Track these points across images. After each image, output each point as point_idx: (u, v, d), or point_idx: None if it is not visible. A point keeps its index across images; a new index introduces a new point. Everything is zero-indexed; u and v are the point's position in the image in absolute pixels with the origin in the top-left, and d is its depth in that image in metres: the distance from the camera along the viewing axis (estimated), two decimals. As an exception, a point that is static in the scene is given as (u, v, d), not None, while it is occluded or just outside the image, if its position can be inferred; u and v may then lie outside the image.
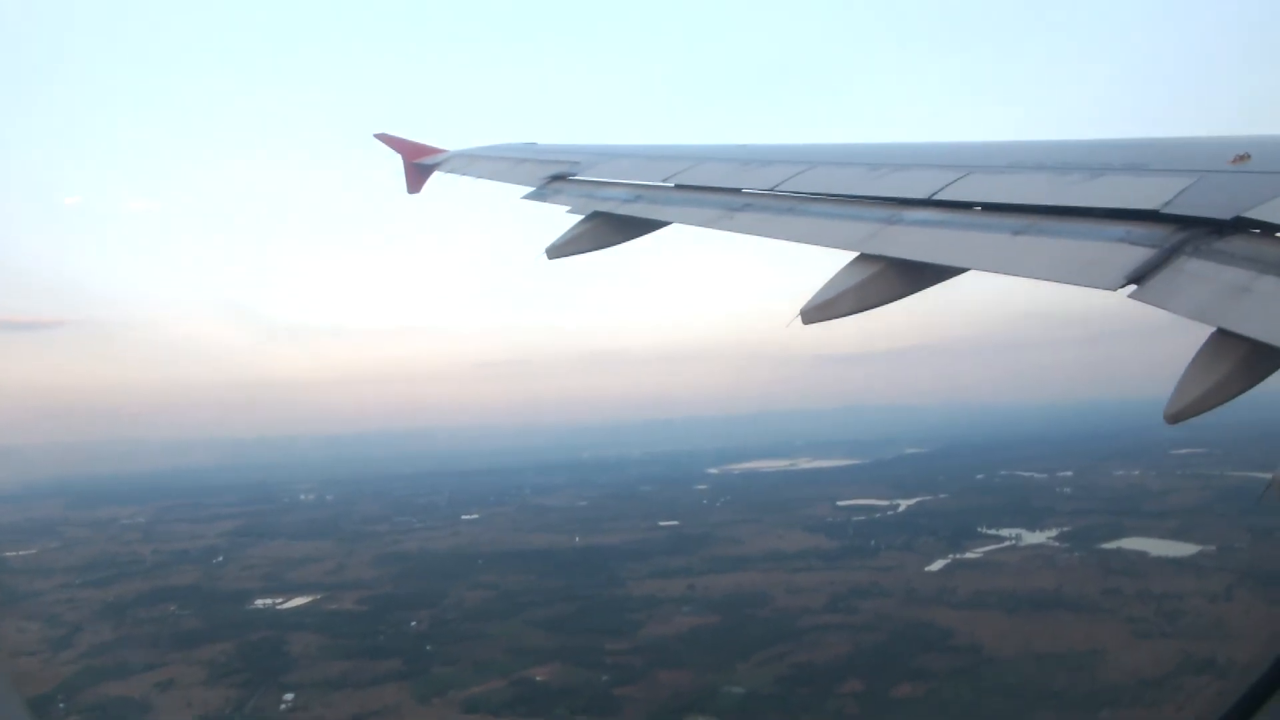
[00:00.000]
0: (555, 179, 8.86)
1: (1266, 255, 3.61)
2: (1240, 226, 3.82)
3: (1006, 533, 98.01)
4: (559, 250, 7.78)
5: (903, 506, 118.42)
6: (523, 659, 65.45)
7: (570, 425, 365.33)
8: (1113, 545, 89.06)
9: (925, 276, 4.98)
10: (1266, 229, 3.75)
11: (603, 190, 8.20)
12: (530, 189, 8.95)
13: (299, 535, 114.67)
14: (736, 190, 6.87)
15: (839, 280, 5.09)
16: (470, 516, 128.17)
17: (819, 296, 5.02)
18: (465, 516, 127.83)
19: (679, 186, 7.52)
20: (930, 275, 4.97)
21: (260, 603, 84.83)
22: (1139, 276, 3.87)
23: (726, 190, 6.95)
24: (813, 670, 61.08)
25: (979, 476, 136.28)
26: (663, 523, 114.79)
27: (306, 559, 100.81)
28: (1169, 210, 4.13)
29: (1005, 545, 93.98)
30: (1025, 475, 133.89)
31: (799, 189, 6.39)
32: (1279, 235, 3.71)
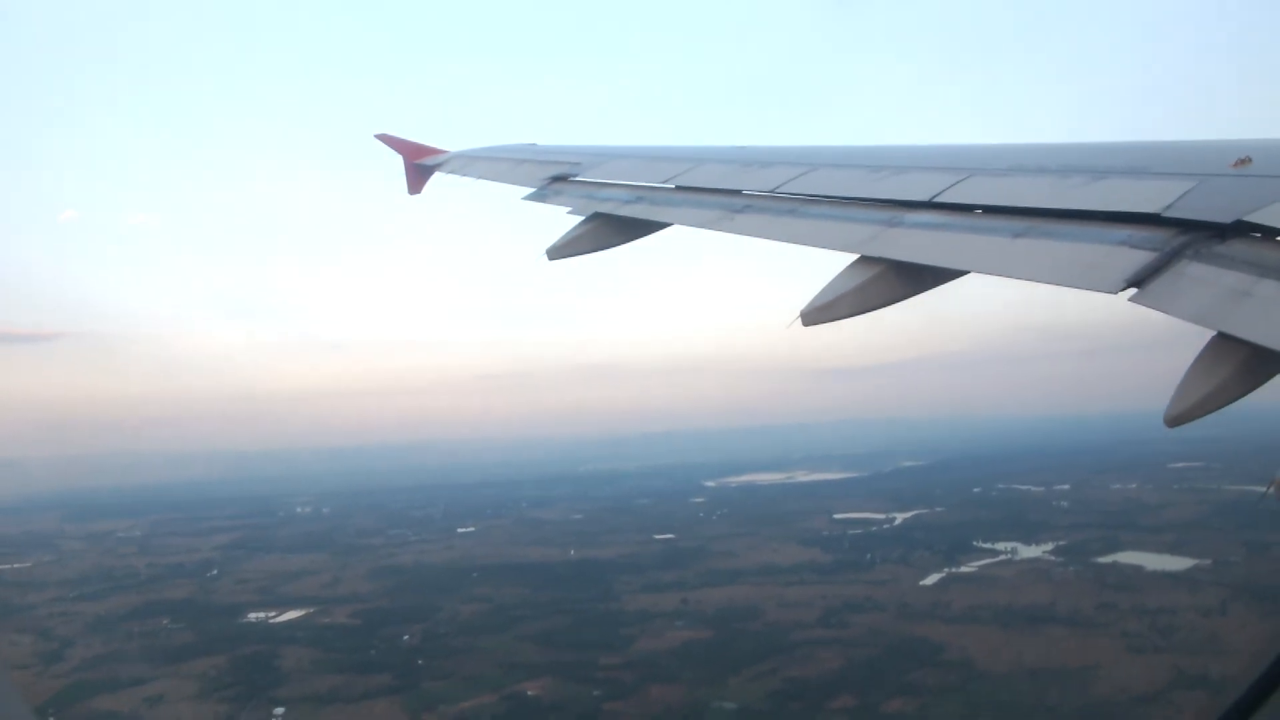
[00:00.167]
0: (556, 180, 8.83)
1: (1267, 259, 3.60)
2: (1241, 230, 3.82)
3: (1002, 546, 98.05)
4: (559, 251, 7.75)
5: (899, 520, 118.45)
6: (514, 673, 65.23)
7: (570, 438, 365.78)
8: (1109, 559, 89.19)
9: (926, 279, 4.96)
10: (1267, 233, 3.74)
11: (603, 191, 8.17)
12: (531, 190, 8.92)
13: (294, 548, 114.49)
14: (737, 192, 6.85)
15: (839, 282, 5.08)
16: (466, 529, 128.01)
17: (820, 298, 5.01)
18: (461, 529, 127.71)
19: (680, 188, 7.50)
20: (931, 277, 4.96)
21: (253, 616, 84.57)
22: (1140, 280, 3.86)
23: (727, 191, 6.93)
24: (804, 685, 60.96)
25: (976, 490, 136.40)
26: (658, 536, 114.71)
27: (301, 572, 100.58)
28: (1170, 214, 4.13)
29: (1001, 559, 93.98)
30: (1022, 489, 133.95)
31: (800, 191, 6.38)
32: None
